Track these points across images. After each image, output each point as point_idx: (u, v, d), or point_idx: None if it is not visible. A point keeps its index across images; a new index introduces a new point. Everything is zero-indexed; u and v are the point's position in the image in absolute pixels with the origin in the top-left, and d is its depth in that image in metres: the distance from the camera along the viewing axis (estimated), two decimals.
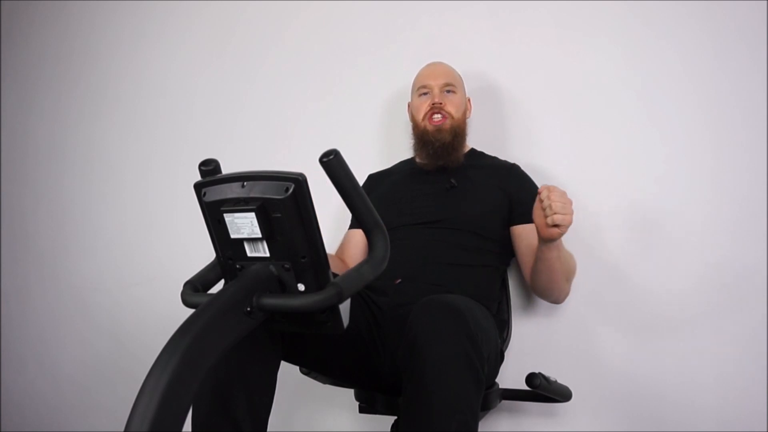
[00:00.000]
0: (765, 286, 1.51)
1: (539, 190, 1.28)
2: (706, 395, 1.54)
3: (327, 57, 2.06)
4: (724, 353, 1.54)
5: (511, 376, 1.59)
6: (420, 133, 1.61)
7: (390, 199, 1.58)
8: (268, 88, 2.14)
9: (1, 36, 2.69)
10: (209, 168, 0.92)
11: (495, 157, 1.68)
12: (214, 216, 0.88)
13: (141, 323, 2.23)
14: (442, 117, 1.58)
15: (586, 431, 1.63)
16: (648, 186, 1.63)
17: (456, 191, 1.54)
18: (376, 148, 1.95)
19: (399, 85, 1.83)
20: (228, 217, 0.86)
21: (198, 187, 0.90)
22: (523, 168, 1.62)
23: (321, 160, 0.83)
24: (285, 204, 0.82)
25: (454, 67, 1.68)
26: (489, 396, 1.33)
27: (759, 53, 1.56)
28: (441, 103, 1.58)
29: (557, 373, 1.40)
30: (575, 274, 1.50)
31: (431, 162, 1.59)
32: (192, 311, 0.79)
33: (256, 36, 2.18)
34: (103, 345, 2.32)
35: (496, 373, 1.37)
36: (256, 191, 0.84)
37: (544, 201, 1.25)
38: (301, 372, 1.43)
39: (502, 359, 1.44)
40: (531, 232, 1.41)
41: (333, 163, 0.83)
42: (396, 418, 1.35)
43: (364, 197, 0.87)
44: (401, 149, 1.76)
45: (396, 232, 1.47)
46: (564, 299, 1.54)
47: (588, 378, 1.62)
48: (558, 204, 1.24)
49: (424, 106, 1.61)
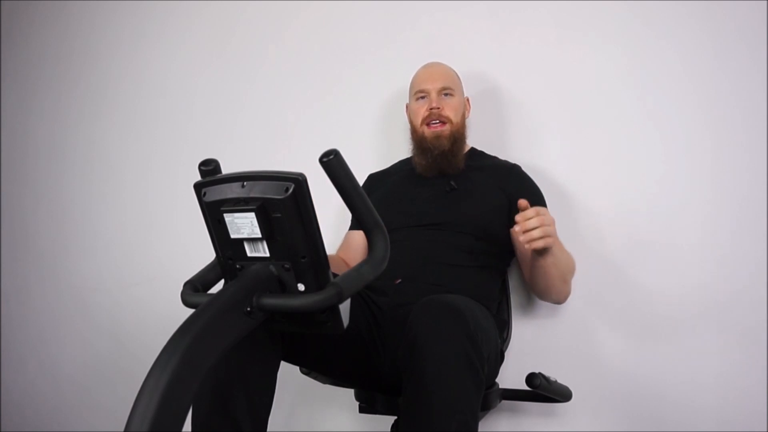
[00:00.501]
0: (765, 286, 1.51)
1: (516, 218, 1.23)
2: (706, 395, 1.54)
3: (327, 57, 2.06)
4: (724, 353, 1.54)
5: (511, 376, 1.59)
6: (419, 139, 1.60)
7: (390, 200, 1.58)
8: (268, 88, 2.14)
9: (1, 36, 2.69)
10: (209, 168, 0.92)
11: (495, 157, 1.68)
12: (214, 216, 0.88)
13: (141, 323, 2.23)
14: (440, 123, 1.57)
15: (586, 431, 1.63)
16: (648, 186, 1.63)
17: (456, 193, 1.53)
18: (375, 148, 1.95)
19: (399, 86, 1.82)
20: (228, 217, 0.86)
21: (198, 187, 0.90)
22: (524, 168, 1.62)
23: (321, 160, 0.83)
24: (285, 204, 0.82)
25: (452, 67, 1.67)
26: (489, 396, 1.34)
27: (759, 53, 1.56)
28: (439, 108, 1.57)
29: (557, 373, 1.40)
30: (574, 273, 1.50)
31: (430, 168, 1.58)
32: (192, 311, 0.79)
33: (256, 36, 2.18)
34: (103, 345, 2.32)
35: (496, 373, 1.37)
36: (256, 191, 0.84)
37: (519, 226, 1.22)
38: (301, 372, 1.43)
39: (502, 359, 1.44)
40: None
41: (333, 163, 0.83)
42: (396, 418, 1.35)
43: (364, 197, 0.87)
44: (401, 150, 1.76)
45: (396, 232, 1.47)
46: (565, 299, 1.54)
47: (588, 378, 1.62)
48: (535, 226, 1.20)
49: (421, 110, 1.60)
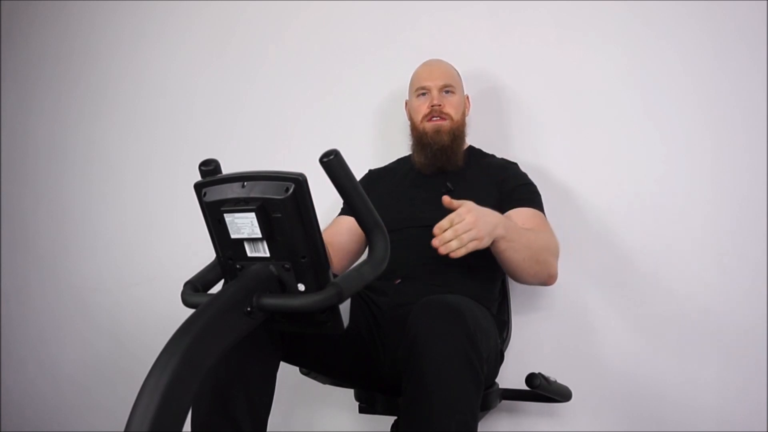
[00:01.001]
0: (765, 286, 1.51)
1: (434, 230, 1.18)
2: (706, 395, 1.54)
3: (327, 57, 2.05)
4: (724, 353, 1.54)
5: (511, 376, 1.59)
6: (419, 135, 1.60)
7: (389, 200, 1.57)
8: (268, 88, 2.14)
9: (1, 36, 2.69)
10: (209, 168, 0.92)
11: (493, 155, 1.67)
12: (214, 216, 0.88)
13: (141, 323, 2.23)
14: (440, 118, 1.58)
15: (586, 431, 1.63)
16: (648, 186, 1.63)
17: (453, 194, 1.52)
18: (375, 148, 1.95)
19: (399, 85, 1.82)
20: (228, 217, 0.86)
21: (198, 187, 0.90)
22: (523, 168, 1.61)
23: (321, 160, 0.83)
24: (285, 204, 0.82)
25: (452, 65, 1.67)
26: (489, 396, 1.33)
27: (759, 53, 1.56)
28: (440, 105, 1.58)
29: (557, 373, 1.40)
30: (554, 251, 1.40)
31: (429, 164, 1.58)
32: (192, 311, 0.79)
33: (256, 36, 2.18)
34: (103, 345, 2.32)
35: (496, 373, 1.36)
36: (256, 191, 0.84)
37: (437, 240, 1.18)
38: (301, 372, 1.43)
39: (502, 359, 1.44)
40: (517, 215, 1.41)
41: (333, 163, 0.83)
42: (396, 418, 1.35)
43: (364, 197, 0.87)
44: (401, 149, 1.76)
45: (396, 233, 1.46)
46: (550, 279, 1.41)
47: (588, 378, 1.62)
48: (451, 238, 1.17)
49: (423, 107, 1.60)
